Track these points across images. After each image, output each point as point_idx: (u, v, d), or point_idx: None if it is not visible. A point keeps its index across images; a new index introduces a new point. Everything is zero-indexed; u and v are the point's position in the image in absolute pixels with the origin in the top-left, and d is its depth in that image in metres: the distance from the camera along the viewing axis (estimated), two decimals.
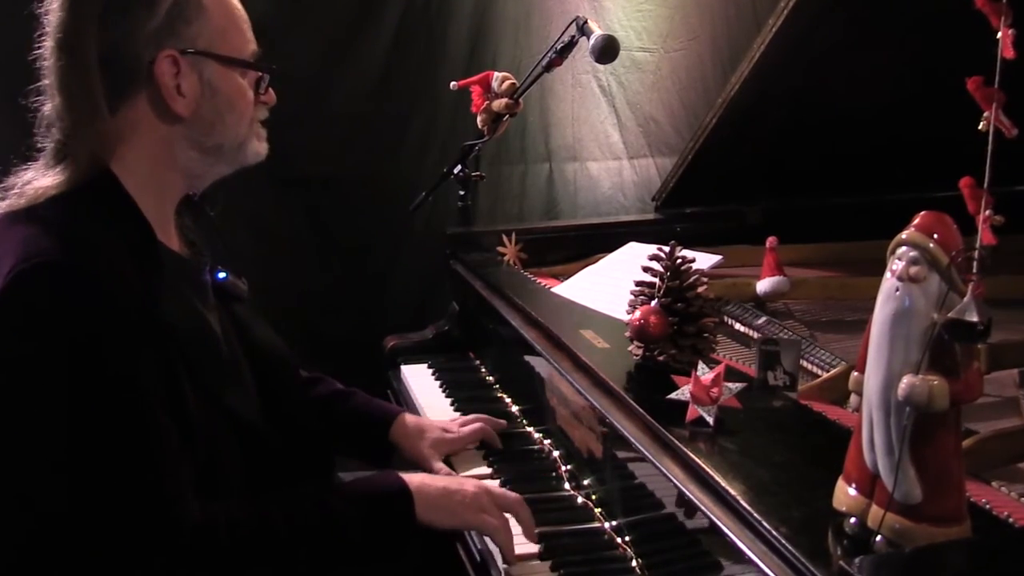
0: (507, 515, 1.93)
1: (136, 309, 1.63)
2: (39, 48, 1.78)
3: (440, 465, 2.24)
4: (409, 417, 2.35)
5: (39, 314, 1.58)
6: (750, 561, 1.40)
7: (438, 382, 2.86)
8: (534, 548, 1.91)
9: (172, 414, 1.65)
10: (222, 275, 2.01)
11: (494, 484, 2.05)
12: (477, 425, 2.36)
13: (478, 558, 1.97)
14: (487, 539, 1.95)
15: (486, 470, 2.28)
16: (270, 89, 1.91)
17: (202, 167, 1.87)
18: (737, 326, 2.51)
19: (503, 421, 2.43)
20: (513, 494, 1.96)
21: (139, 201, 1.77)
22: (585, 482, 2.13)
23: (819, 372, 2.13)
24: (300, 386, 2.25)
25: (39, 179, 1.75)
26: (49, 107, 1.78)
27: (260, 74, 1.88)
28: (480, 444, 2.38)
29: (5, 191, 1.77)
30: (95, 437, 1.57)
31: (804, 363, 2.15)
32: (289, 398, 2.08)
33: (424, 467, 2.24)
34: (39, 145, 1.80)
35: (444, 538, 1.99)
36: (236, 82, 1.84)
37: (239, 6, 1.88)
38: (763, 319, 2.48)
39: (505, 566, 1.88)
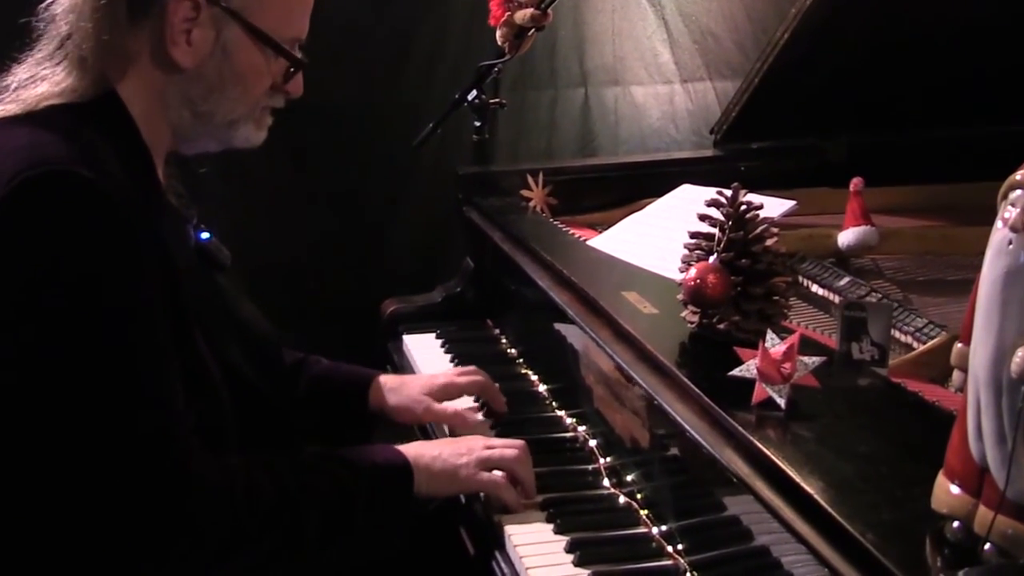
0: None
1: (147, 235, 1.75)
2: None
3: (440, 406, 2.38)
4: (386, 376, 2.44)
5: (47, 227, 1.68)
6: (831, 574, 1.40)
7: (449, 355, 2.87)
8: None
9: (179, 356, 1.78)
10: (206, 235, 2.10)
11: (491, 440, 2.16)
12: (476, 376, 2.46)
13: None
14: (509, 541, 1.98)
15: (482, 418, 2.40)
16: (297, 79, 2.03)
17: (190, 131, 1.98)
18: (815, 287, 2.51)
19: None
20: (511, 450, 2.09)
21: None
22: (628, 478, 2.13)
23: (915, 344, 2.12)
24: (287, 373, 2.35)
25: (38, 84, 1.87)
26: None
27: (289, 64, 2.00)
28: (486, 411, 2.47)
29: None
30: (100, 372, 1.67)
31: (896, 332, 2.14)
32: (275, 385, 2.17)
33: (419, 416, 2.38)
34: (35, 34, 1.91)
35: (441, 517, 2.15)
36: (256, 58, 1.96)
37: None
38: (846, 279, 2.47)
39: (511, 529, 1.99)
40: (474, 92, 3.17)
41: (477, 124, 3.24)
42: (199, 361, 1.88)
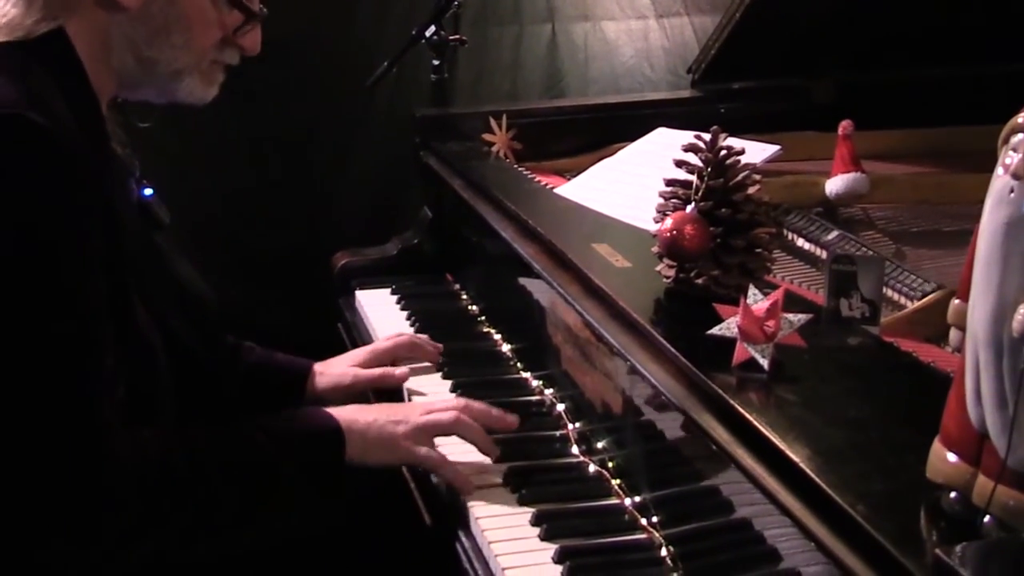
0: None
1: (95, 188, 1.75)
2: None
3: (367, 371, 2.43)
4: (318, 364, 2.47)
5: None
6: (818, 548, 1.40)
7: (405, 312, 2.88)
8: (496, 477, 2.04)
9: (116, 321, 1.78)
10: (149, 192, 2.12)
11: (431, 403, 2.18)
12: (400, 338, 2.53)
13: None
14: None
15: (440, 380, 2.43)
16: (254, 35, 2.05)
17: (132, 78, 1.98)
18: (800, 240, 2.51)
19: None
20: (448, 413, 2.09)
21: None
22: (599, 445, 2.13)
23: (908, 301, 2.12)
24: (228, 344, 2.39)
25: None
26: None
27: (244, 16, 2.01)
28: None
29: None
30: (27, 329, 1.68)
31: (888, 288, 2.14)
32: (213, 350, 2.20)
33: (347, 388, 2.41)
34: None
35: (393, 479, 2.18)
36: (204, 4, 1.97)
37: None
38: (835, 232, 2.47)
39: (473, 504, 1.99)
40: (432, 28, 3.16)
41: (435, 63, 3.25)
42: (136, 324, 1.88)
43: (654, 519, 1.91)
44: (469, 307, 2.90)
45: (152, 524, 1.78)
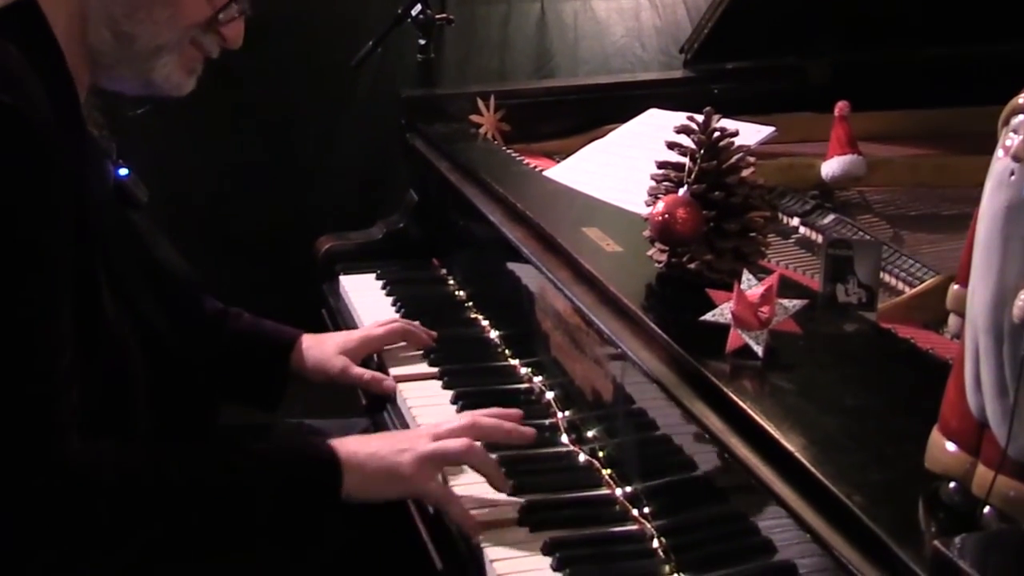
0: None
1: (66, 174, 1.72)
2: None
3: (358, 370, 2.39)
4: (307, 335, 2.46)
5: None
6: (813, 540, 1.40)
7: (390, 298, 2.87)
8: (511, 512, 1.93)
9: (81, 312, 1.76)
10: (124, 171, 2.08)
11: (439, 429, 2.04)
12: (393, 324, 2.51)
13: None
14: None
15: (426, 368, 2.41)
16: (236, 26, 2.03)
17: (108, 56, 1.93)
18: (795, 223, 2.51)
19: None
20: (458, 442, 1.96)
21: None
22: (589, 434, 2.13)
23: (906, 286, 2.13)
24: (209, 320, 2.37)
25: None
26: None
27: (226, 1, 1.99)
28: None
29: None
30: None
31: (885, 274, 2.15)
32: (190, 338, 2.15)
33: (333, 377, 2.40)
34: None
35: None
36: None
37: None
38: (831, 216, 2.47)
39: (488, 547, 1.88)
40: (418, 6, 3.15)
41: (422, 42, 3.24)
42: (105, 318, 1.85)
43: (646, 510, 1.90)
44: (456, 293, 2.89)
45: (107, 537, 1.73)
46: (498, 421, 2.03)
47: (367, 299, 2.88)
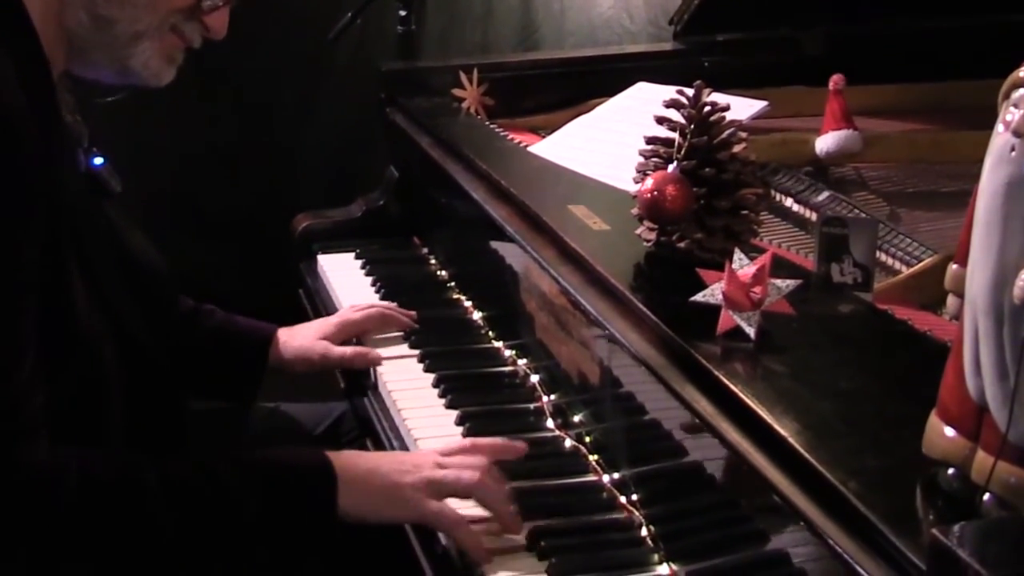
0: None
1: (39, 166, 1.71)
2: None
3: (340, 349, 2.42)
4: (282, 328, 2.48)
5: None
6: (806, 527, 1.40)
7: (370, 278, 2.88)
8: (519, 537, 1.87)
9: (53, 309, 1.76)
10: (99, 160, 2.08)
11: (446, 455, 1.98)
12: (371, 309, 2.53)
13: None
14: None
15: (407, 350, 2.42)
16: (221, 15, 2.03)
17: (85, 40, 1.92)
18: (789, 202, 2.51)
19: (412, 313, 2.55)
20: (470, 473, 1.88)
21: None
22: (575, 419, 2.14)
23: (903, 266, 2.13)
24: (183, 316, 2.39)
25: None
26: None
27: None
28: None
29: None
30: None
31: (882, 253, 2.15)
32: (165, 332, 2.15)
33: (315, 363, 2.42)
34: None
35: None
36: None
37: None
38: (826, 193, 2.47)
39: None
40: None
41: (402, 13, 3.25)
42: (78, 315, 1.82)
43: (634, 497, 1.91)
44: (438, 272, 2.90)
45: (74, 545, 1.72)
46: (491, 441, 1.99)
47: (346, 279, 2.89)
